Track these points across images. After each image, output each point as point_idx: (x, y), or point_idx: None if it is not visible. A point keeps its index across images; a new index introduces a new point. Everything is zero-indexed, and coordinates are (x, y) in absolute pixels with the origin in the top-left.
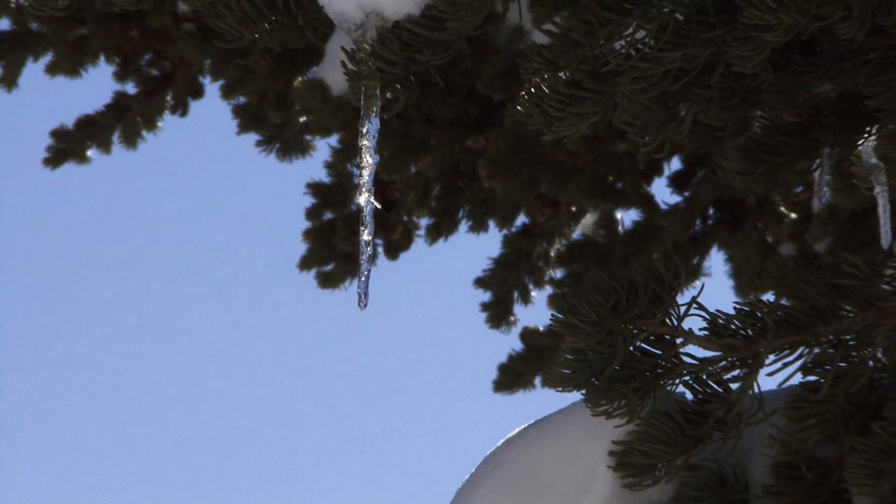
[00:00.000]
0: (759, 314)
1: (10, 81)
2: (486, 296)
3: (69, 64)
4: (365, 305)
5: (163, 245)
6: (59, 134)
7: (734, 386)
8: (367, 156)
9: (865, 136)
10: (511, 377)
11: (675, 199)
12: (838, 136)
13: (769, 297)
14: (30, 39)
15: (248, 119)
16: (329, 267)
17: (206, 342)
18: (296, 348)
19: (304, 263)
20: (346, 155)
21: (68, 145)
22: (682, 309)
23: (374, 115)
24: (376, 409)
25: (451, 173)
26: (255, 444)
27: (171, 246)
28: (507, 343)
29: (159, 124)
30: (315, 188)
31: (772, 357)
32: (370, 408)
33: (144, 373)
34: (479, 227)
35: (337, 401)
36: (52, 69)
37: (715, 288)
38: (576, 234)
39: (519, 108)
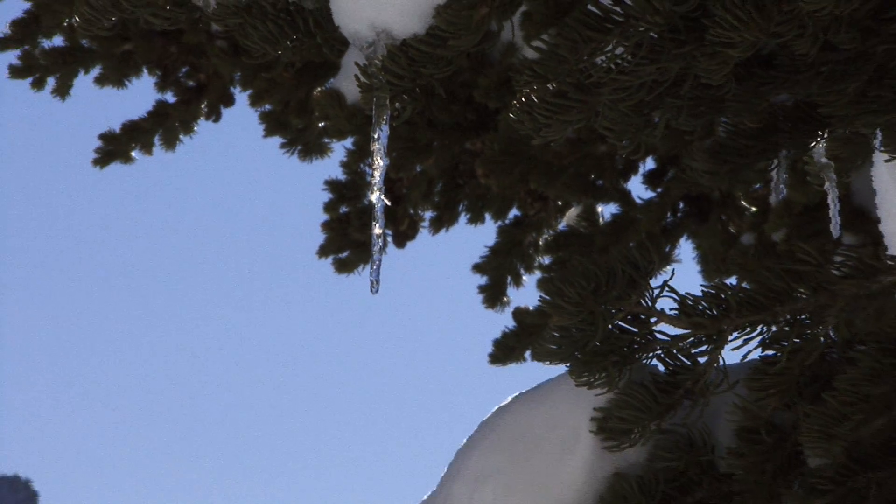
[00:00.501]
0: (724, 296)
1: (64, 91)
2: (482, 280)
3: (115, 76)
4: (377, 291)
5: (191, 233)
6: (106, 137)
7: (701, 359)
8: (379, 158)
9: (817, 139)
10: (504, 351)
11: (649, 194)
12: (793, 139)
13: (732, 280)
14: (80, 54)
15: (273, 124)
16: (344, 254)
17: (233, 317)
18: (314, 325)
19: (323, 251)
20: (359, 156)
21: (115, 147)
22: (656, 291)
23: (384, 122)
24: (385, 379)
25: (451, 172)
26: (273, 402)
27: (200, 234)
28: (501, 321)
29: (195, 129)
30: (332, 185)
31: (735, 334)
32: (379, 377)
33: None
34: (476, 219)
35: (351, 370)
36: (100, 80)
37: (684, 273)
38: (561, 226)
39: (512, 115)
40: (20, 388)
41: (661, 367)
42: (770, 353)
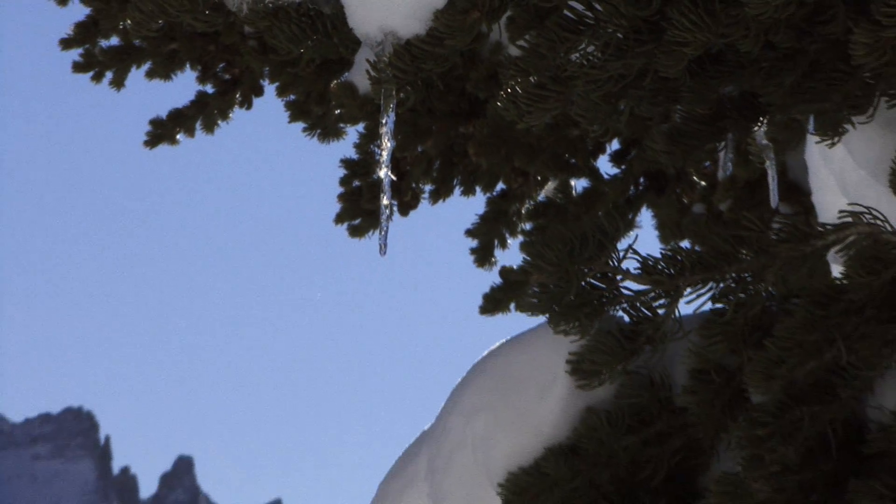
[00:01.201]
0: (679, 257)
1: (119, 83)
2: (473, 243)
3: (163, 70)
4: (384, 253)
5: (230, 199)
6: (155, 123)
7: (660, 311)
8: (386, 140)
9: (759, 124)
10: (492, 304)
11: (614, 171)
12: (738, 124)
13: (686, 244)
14: (133, 52)
15: (296, 112)
16: (357, 221)
17: (261, 271)
18: (331, 282)
19: (339, 219)
20: (370, 138)
21: (162, 131)
22: (621, 254)
23: (391, 110)
24: (390, 328)
25: (447, 152)
26: (293, 347)
27: (237, 201)
28: (489, 278)
29: (230, 115)
30: (346, 163)
31: (689, 290)
32: (386, 326)
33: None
34: (468, 191)
35: (362, 320)
36: (150, 74)
37: (645, 238)
38: (541, 197)
39: (499, 103)
40: (84, 327)
41: (626, 318)
42: (719, 306)
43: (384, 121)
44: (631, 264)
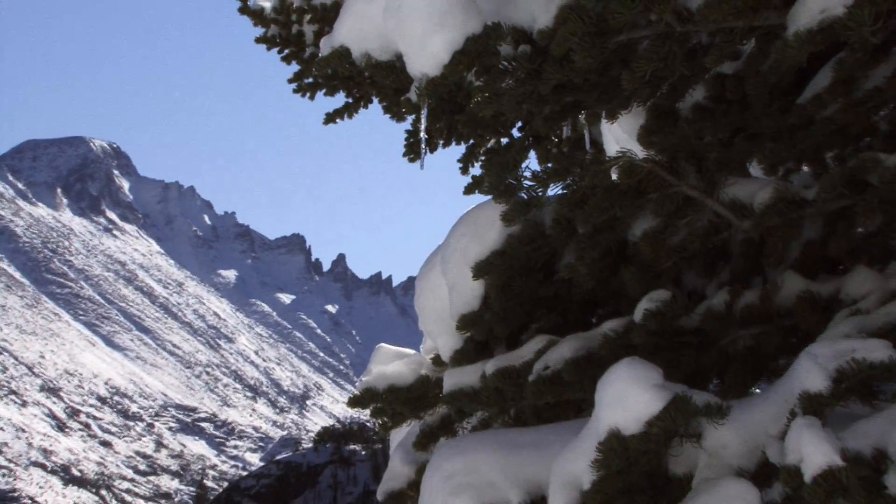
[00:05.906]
0: (548, 170)
1: (312, 97)
2: (460, 165)
3: (331, 92)
4: (423, 168)
5: (341, 139)
6: (328, 113)
7: (541, 193)
8: (423, 120)
9: (581, 113)
10: (469, 189)
11: (518, 135)
12: (573, 114)
13: (550, 165)
14: (318, 84)
15: (386, 109)
16: (412, 155)
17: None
18: (401, 182)
19: (404, 154)
20: (417, 120)
21: (329, 117)
22: (524, 168)
23: (425, 107)
24: (427, 198)
25: (450, 125)
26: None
27: (351, 141)
28: (466, 179)
29: (360, 110)
30: (407, 131)
31: (552, 185)
32: (425, 197)
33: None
34: (459, 143)
35: (414, 195)
36: (325, 94)
37: (532, 162)
38: (488, 146)
39: (472, 105)
40: (302, 175)
41: (525, 196)
42: (565, 191)
43: (423, 112)
44: (527, 173)
